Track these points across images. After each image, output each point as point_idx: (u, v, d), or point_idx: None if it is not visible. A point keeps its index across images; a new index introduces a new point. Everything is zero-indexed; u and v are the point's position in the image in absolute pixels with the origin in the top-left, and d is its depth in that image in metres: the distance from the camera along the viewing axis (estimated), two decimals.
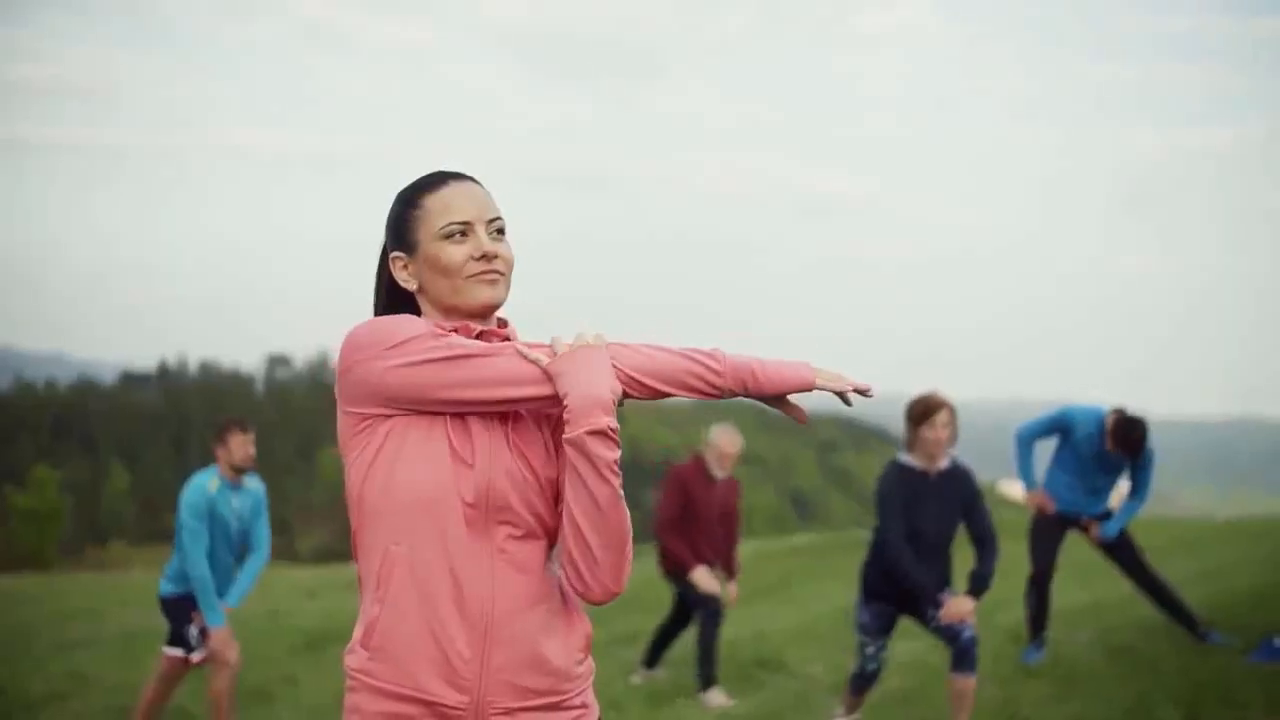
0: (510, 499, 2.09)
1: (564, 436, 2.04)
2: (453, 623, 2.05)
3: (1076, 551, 13.38)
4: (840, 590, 12.04)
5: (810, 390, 2.19)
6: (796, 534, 24.70)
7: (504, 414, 2.12)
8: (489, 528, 2.08)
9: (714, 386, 2.12)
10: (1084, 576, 9.28)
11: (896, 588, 5.39)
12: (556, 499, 2.15)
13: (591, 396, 2.02)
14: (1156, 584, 7.12)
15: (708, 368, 2.12)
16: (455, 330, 2.14)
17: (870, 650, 5.58)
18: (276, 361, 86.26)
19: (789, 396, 2.18)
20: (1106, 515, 7.09)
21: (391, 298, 2.24)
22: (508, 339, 2.20)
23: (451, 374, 2.04)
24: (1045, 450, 7.17)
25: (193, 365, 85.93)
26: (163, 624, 6.29)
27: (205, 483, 6.08)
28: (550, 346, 2.10)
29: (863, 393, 2.17)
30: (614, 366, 2.07)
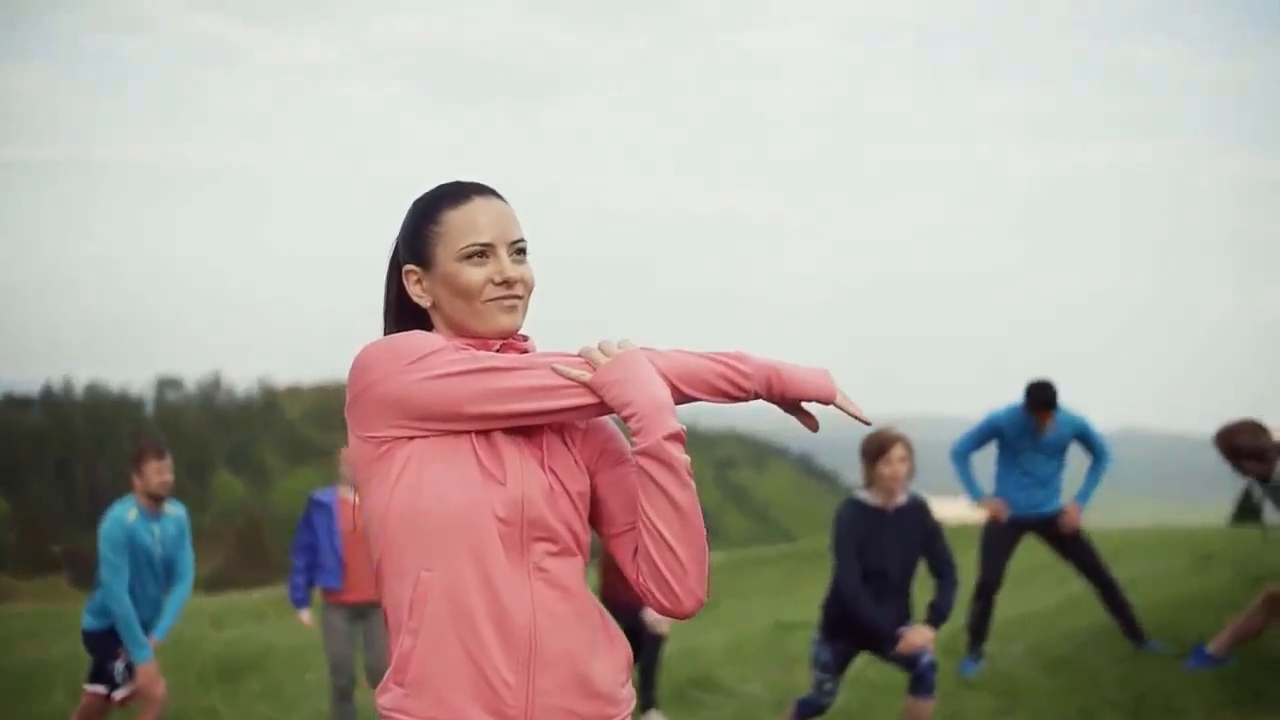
0: (545, 514, 1.99)
1: (639, 447, 1.95)
2: (494, 647, 1.94)
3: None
4: (763, 607, 12.04)
5: (829, 404, 2.12)
6: None
7: (531, 429, 2.03)
8: (525, 546, 1.98)
9: (742, 389, 2.07)
10: (1012, 588, 9.33)
11: (857, 627, 5.31)
12: (585, 515, 2.07)
13: (656, 400, 1.95)
14: (1111, 585, 7.15)
15: (736, 369, 2.06)
16: (472, 345, 2.04)
17: (829, 686, 5.51)
18: (166, 384, 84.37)
19: (806, 404, 2.12)
20: (1059, 514, 7.12)
21: (401, 311, 2.14)
22: (526, 353, 2.10)
23: (483, 386, 1.94)
24: (985, 465, 7.23)
25: (79, 388, 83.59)
26: (50, 658, 6.04)
27: (123, 514, 5.85)
28: (580, 356, 2.01)
29: (863, 420, 2.16)
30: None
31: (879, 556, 5.26)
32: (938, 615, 5.34)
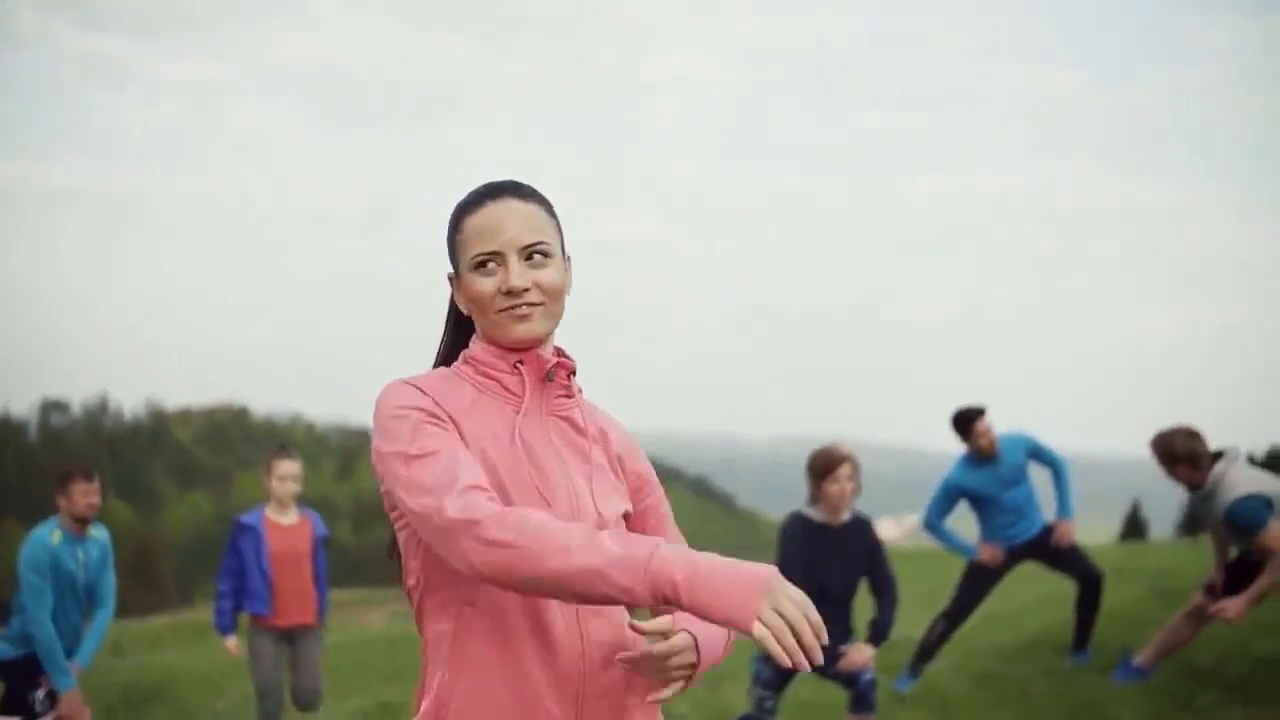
0: None
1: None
2: (540, 681, 1.86)
3: (921, 582, 13.71)
4: None
5: (746, 633, 1.70)
6: None
7: (579, 449, 1.99)
8: None
9: (628, 599, 1.71)
10: (935, 605, 9.44)
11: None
12: None
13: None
14: (1098, 582, 7.14)
15: (611, 580, 1.68)
16: (521, 361, 1.97)
17: (770, 704, 5.50)
18: (51, 407, 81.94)
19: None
20: (1048, 530, 7.15)
21: (457, 319, 2.10)
22: (573, 373, 2.04)
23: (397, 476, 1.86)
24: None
25: None
26: None
27: (46, 536, 5.65)
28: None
29: (802, 665, 1.69)
30: None
31: (822, 572, 5.27)
32: (879, 633, 5.36)
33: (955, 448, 7.22)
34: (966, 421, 7.01)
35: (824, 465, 5.26)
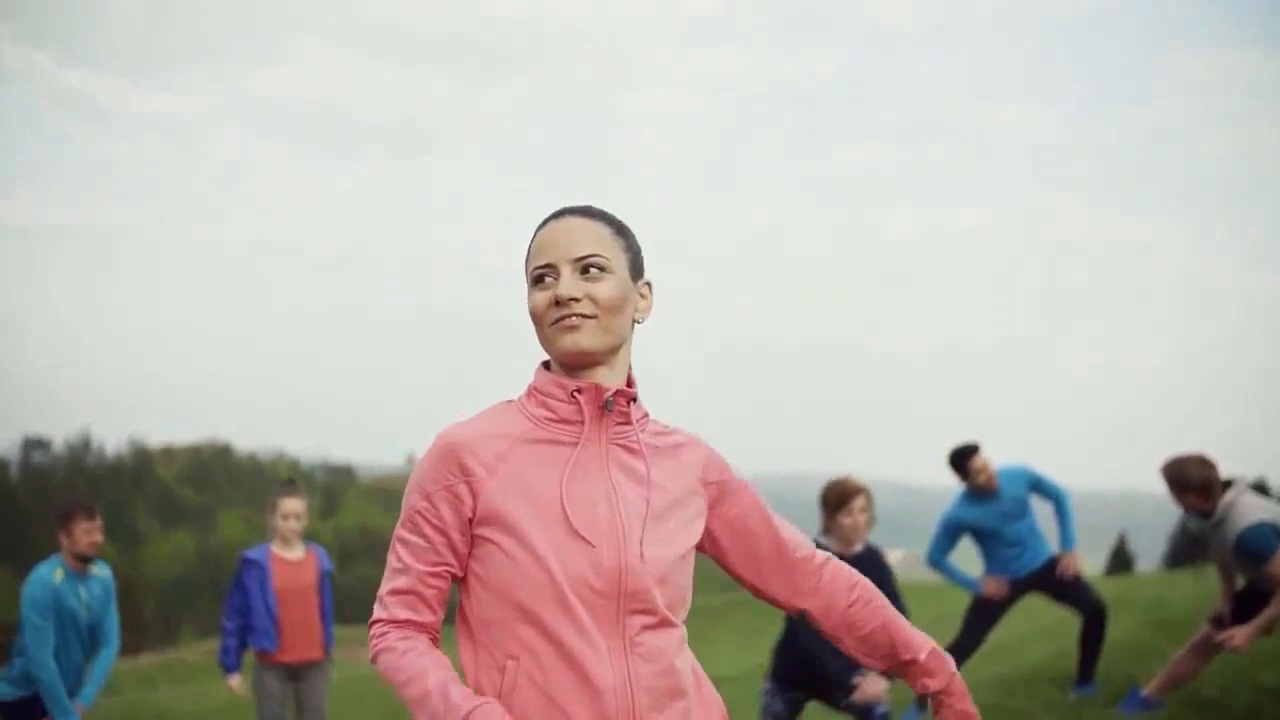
0: (647, 585, 1.88)
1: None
2: None
3: (923, 615, 13.64)
4: None
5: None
6: None
7: (637, 484, 1.94)
8: (620, 619, 1.87)
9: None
10: (934, 639, 9.42)
11: (810, 675, 5.28)
12: (690, 574, 1.98)
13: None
14: (1102, 614, 7.11)
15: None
16: (579, 390, 1.95)
17: None
18: (33, 444, 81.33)
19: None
20: (1052, 563, 7.14)
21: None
22: (634, 399, 2.00)
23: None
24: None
25: None
26: None
27: (48, 575, 5.62)
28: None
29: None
30: None
31: None
32: None
33: (937, 481, 7.27)
34: (963, 459, 7.02)
35: (838, 497, 5.27)
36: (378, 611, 1.95)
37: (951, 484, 7.20)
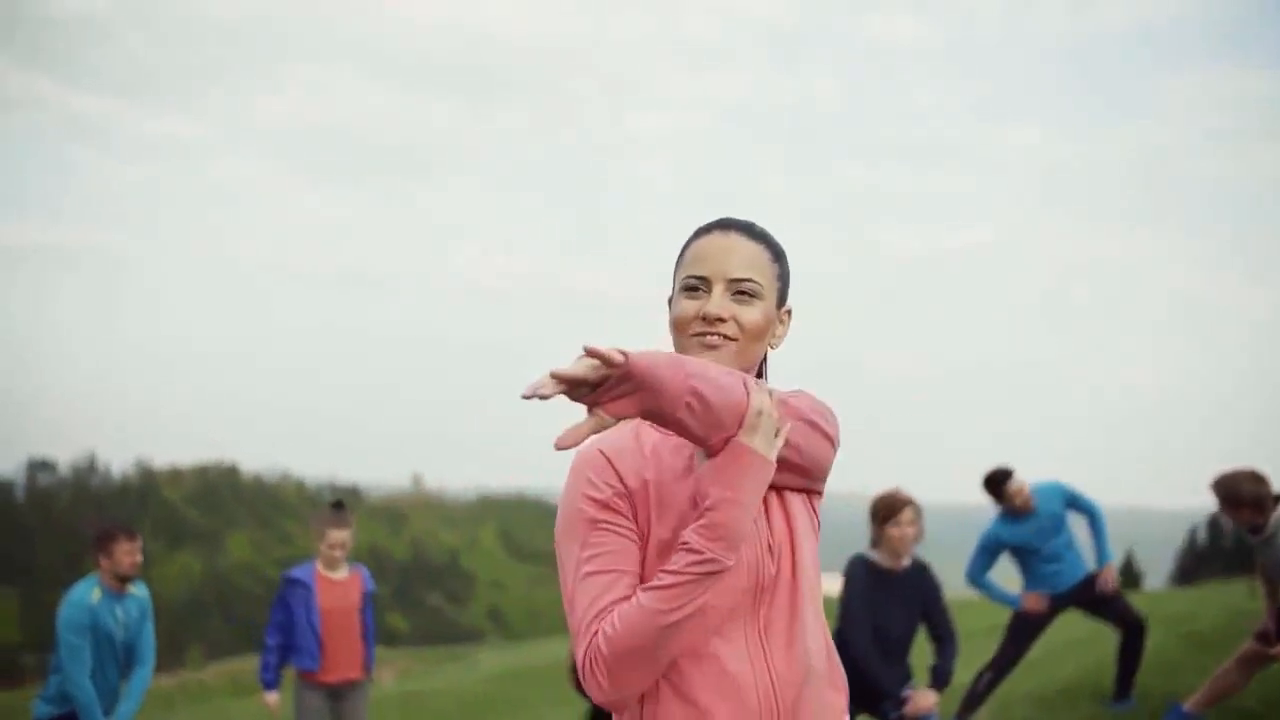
0: (780, 572, 1.88)
1: None
2: None
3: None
4: None
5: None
6: None
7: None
8: (757, 611, 1.85)
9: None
10: (969, 654, 9.39)
11: (859, 686, 5.28)
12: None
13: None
14: (1141, 629, 7.12)
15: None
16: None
17: None
18: (38, 466, 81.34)
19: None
20: (1090, 577, 7.16)
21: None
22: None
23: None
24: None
25: None
26: None
27: (85, 595, 5.64)
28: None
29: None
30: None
31: (883, 616, 5.28)
32: (941, 678, 5.34)
33: (940, 497, 7.27)
34: (998, 484, 7.04)
35: (887, 510, 5.29)
36: (581, 659, 1.79)
37: (951, 500, 7.29)
